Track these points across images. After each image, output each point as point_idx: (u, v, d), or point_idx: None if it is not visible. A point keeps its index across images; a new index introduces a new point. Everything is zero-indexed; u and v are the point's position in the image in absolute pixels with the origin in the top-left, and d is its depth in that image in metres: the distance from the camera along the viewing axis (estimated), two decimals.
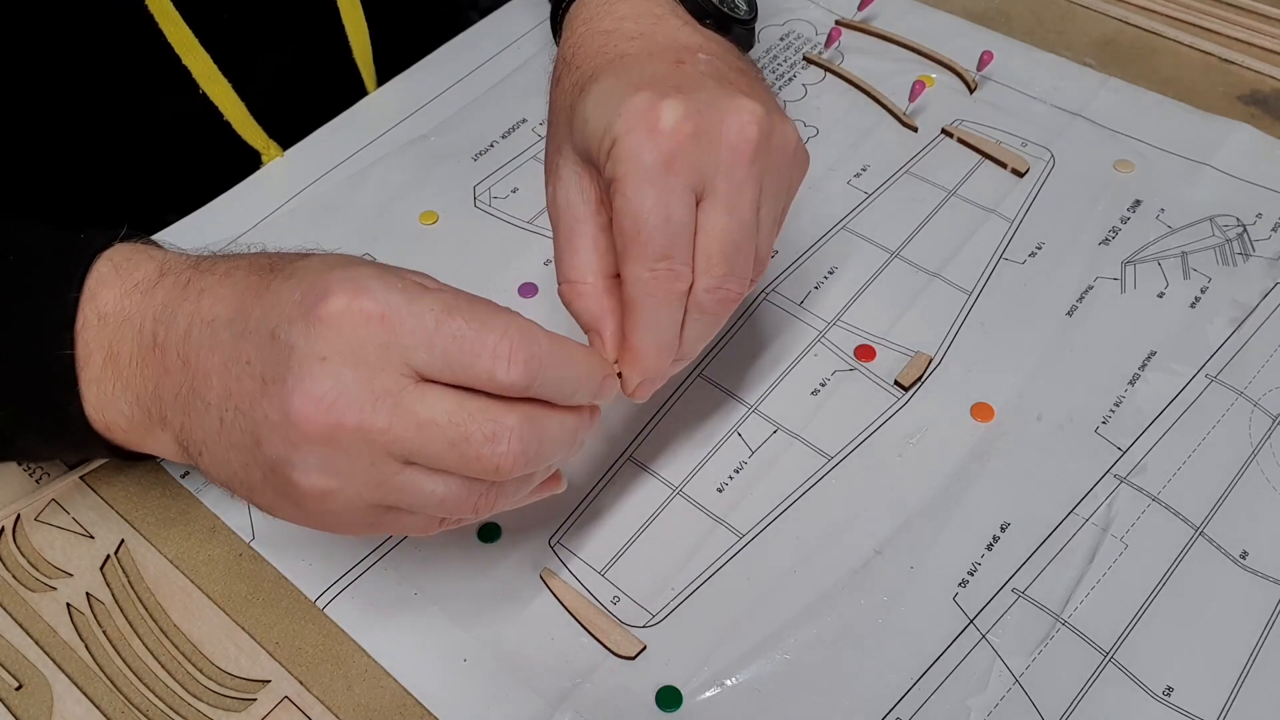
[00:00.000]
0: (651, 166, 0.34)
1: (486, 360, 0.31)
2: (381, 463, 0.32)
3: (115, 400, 0.36)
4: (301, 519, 0.35)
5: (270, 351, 0.32)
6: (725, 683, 0.40)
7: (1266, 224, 0.53)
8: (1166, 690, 0.39)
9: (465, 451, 0.31)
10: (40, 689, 0.40)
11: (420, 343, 0.31)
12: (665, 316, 0.35)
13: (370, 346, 0.31)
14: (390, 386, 0.31)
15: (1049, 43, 0.63)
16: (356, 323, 0.31)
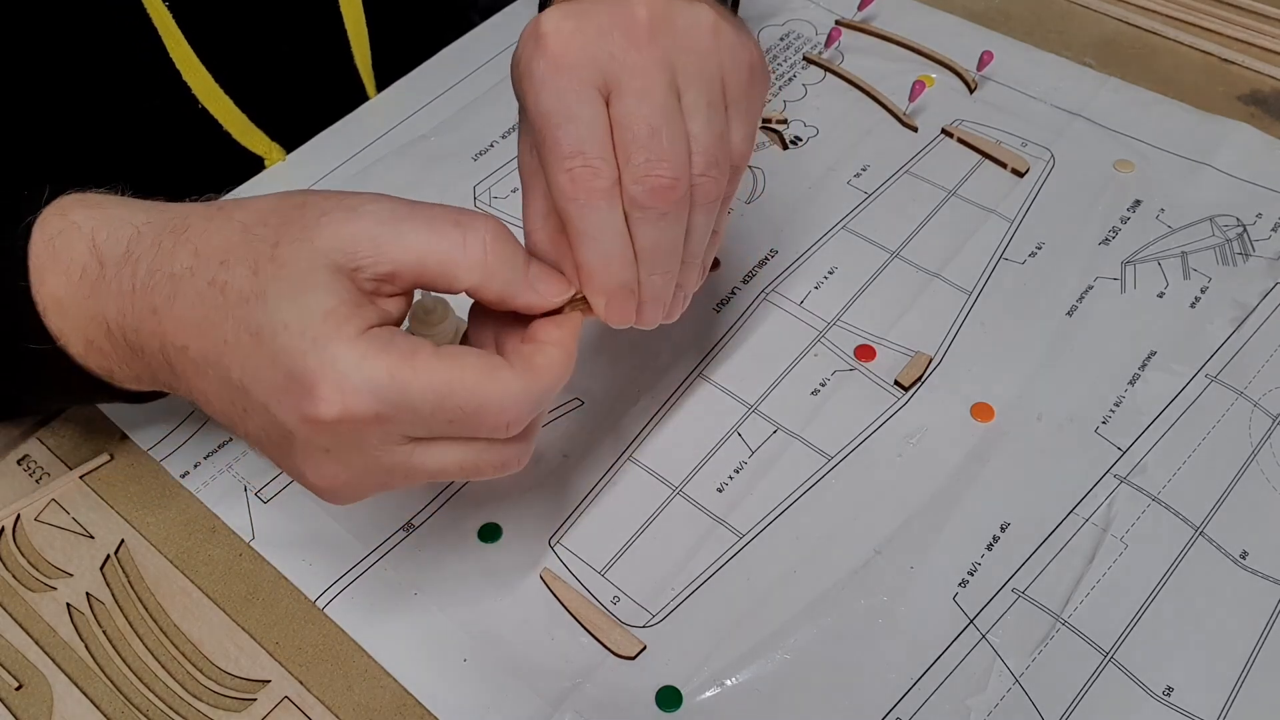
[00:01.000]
0: (541, 73, 0.33)
1: (486, 431, 0.32)
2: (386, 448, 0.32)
3: (117, 371, 0.37)
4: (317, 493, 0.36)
5: (269, 422, 0.32)
6: (725, 683, 0.40)
7: (1266, 224, 0.53)
8: (1166, 690, 0.39)
9: (480, 474, 0.34)
10: (40, 689, 0.40)
11: (417, 428, 0.31)
12: (598, 221, 0.33)
13: (369, 439, 0.31)
14: (398, 457, 0.32)
15: (1049, 43, 0.63)
16: (352, 427, 0.30)
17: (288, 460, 0.33)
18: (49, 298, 0.36)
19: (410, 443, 0.32)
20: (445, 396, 0.31)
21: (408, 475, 0.33)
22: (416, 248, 0.32)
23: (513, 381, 0.32)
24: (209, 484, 0.45)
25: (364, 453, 0.32)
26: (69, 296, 0.35)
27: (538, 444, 0.46)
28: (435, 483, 0.45)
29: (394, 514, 0.44)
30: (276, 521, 0.44)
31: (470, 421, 0.31)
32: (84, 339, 0.36)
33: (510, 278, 0.33)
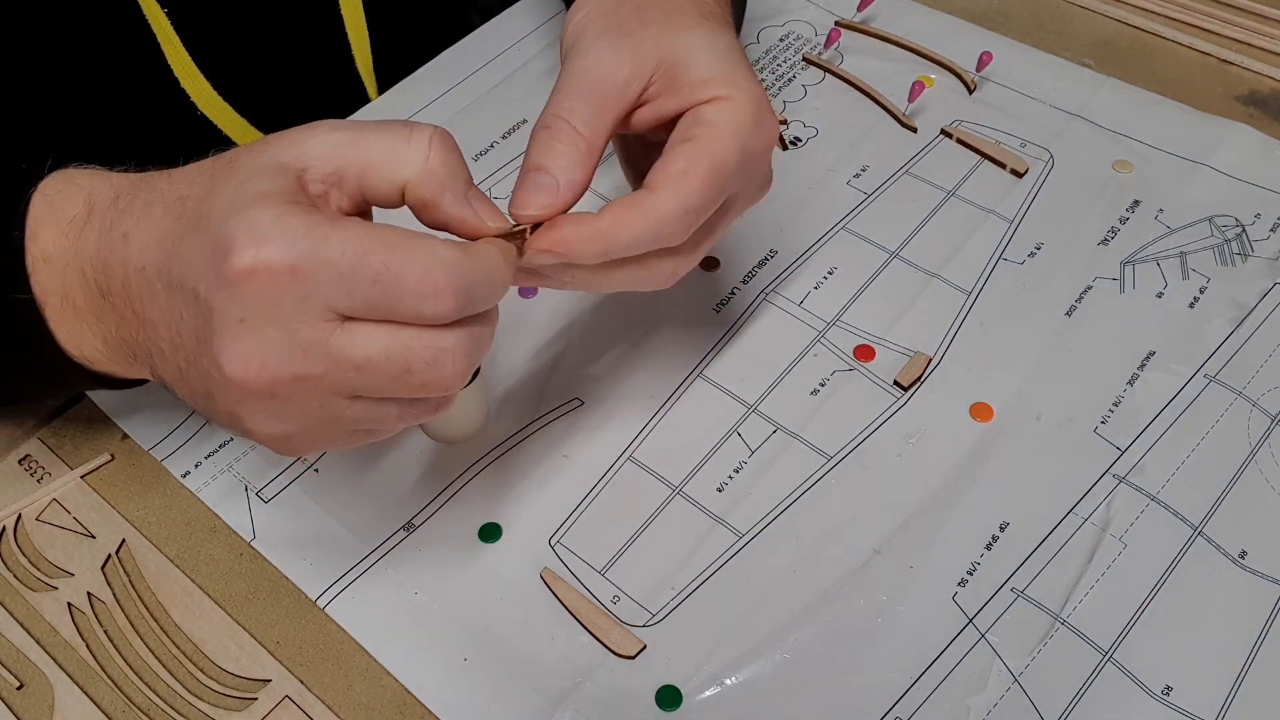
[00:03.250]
0: (731, 163, 0.36)
1: (411, 300, 0.30)
2: (329, 402, 0.32)
3: (86, 338, 0.37)
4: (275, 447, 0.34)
5: (195, 310, 0.31)
6: (725, 682, 0.40)
7: (1265, 224, 0.54)
8: (1165, 689, 0.39)
9: (410, 381, 0.31)
10: (41, 688, 0.40)
11: (337, 290, 0.30)
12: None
13: (285, 300, 0.30)
14: (316, 335, 0.30)
15: (1048, 43, 0.63)
16: (265, 280, 0.29)
17: (210, 353, 0.31)
18: (39, 254, 0.36)
19: (332, 320, 0.30)
20: (365, 250, 0.30)
21: (330, 361, 0.30)
22: (362, 144, 0.32)
23: (439, 249, 0.31)
24: (210, 483, 0.45)
25: (279, 322, 0.30)
26: (56, 249, 0.36)
27: (538, 443, 0.46)
28: (437, 482, 0.45)
29: (394, 514, 0.44)
30: (277, 521, 0.44)
31: (393, 284, 0.30)
32: (61, 293, 0.36)
33: (448, 182, 0.33)
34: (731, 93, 0.37)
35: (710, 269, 0.52)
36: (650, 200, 0.35)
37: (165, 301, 0.33)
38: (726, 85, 0.37)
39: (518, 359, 0.49)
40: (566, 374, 0.48)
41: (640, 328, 0.50)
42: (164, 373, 0.35)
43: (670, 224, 0.35)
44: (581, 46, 0.38)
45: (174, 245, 0.32)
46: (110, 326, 0.36)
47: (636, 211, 0.35)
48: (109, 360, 0.37)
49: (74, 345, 0.37)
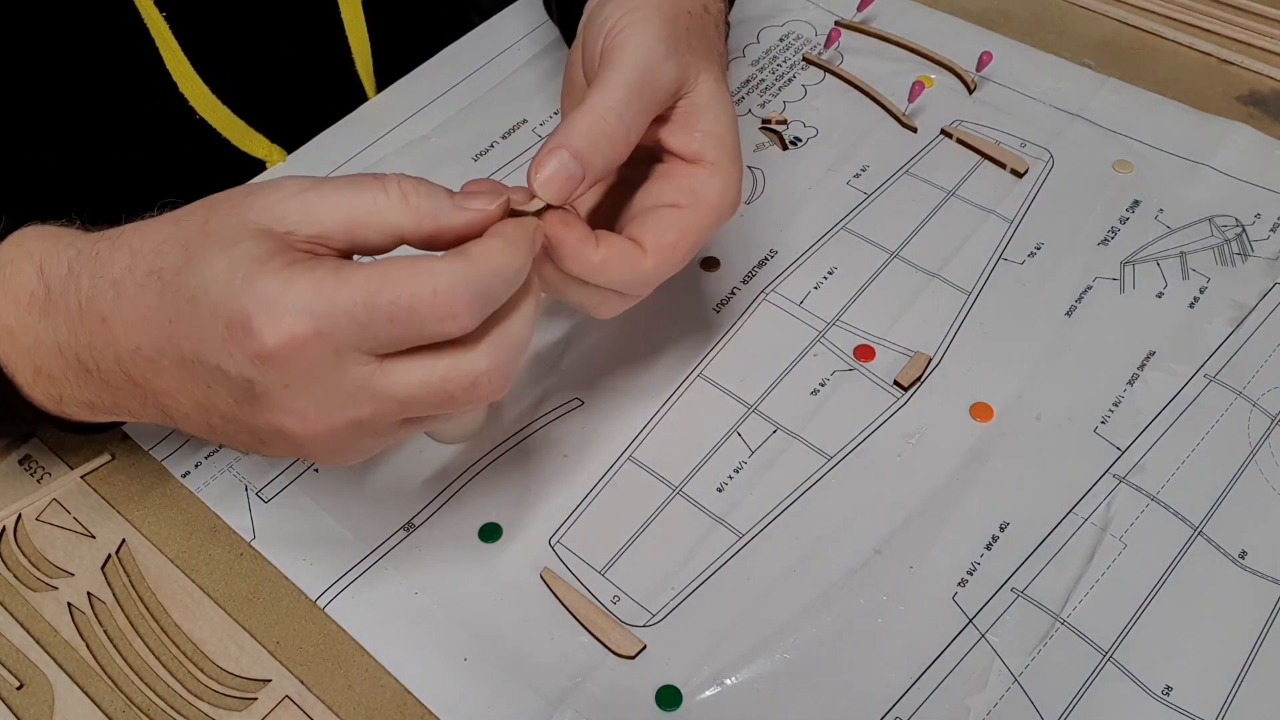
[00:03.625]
0: (706, 237, 0.39)
1: (432, 326, 0.31)
2: (384, 431, 0.34)
3: (67, 402, 0.37)
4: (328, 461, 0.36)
5: (229, 383, 0.32)
6: (725, 682, 0.40)
7: (1265, 224, 0.54)
8: (1165, 689, 0.39)
9: (454, 406, 0.33)
10: (41, 688, 0.40)
11: (363, 337, 0.31)
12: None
13: (321, 361, 0.31)
14: (359, 381, 0.32)
15: (1048, 43, 0.63)
16: (295, 349, 0.30)
17: (262, 415, 0.32)
18: (0, 327, 0.36)
19: (369, 362, 0.31)
20: (374, 295, 0.30)
21: (377, 402, 0.32)
22: (342, 204, 0.32)
23: (442, 266, 0.31)
24: (210, 483, 0.45)
25: (322, 380, 0.31)
26: (18, 324, 0.36)
27: (538, 443, 0.46)
28: (437, 482, 0.45)
29: (394, 514, 0.44)
30: (277, 521, 0.44)
31: (410, 318, 0.31)
32: (32, 366, 0.36)
33: (436, 206, 0.33)
34: (726, 165, 0.39)
35: (710, 269, 0.52)
36: (642, 261, 0.38)
37: (180, 374, 0.33)
38: (725, 154, 0.39)
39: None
40: (566, 374, 0.48)
41: (640, 328, 0.50)
42: (185, 425, 0.36)
43: (648, 286, 0.39)
44: (638, 40, 0.38)
45: (170, 324, 0.32)
46: (101, 396, 0.36)
47: (627, 264, 0.38)
48: (95, 414, 0.38)
49: (54, 406, 0.38)
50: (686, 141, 0.39)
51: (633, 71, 0.37)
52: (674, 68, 0.38)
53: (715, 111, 0.39)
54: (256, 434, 0.34)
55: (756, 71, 0.62)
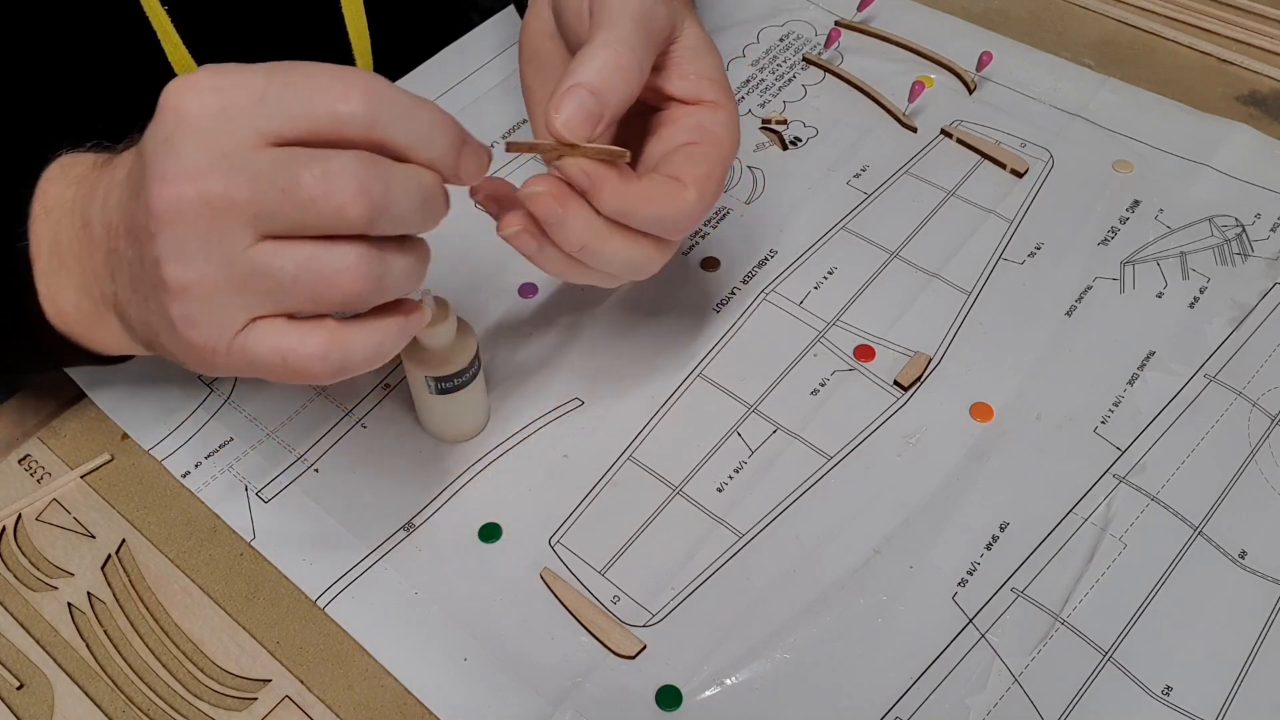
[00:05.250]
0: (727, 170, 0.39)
1: (323, 97, 0.30)
2: (231, 238, 0.31)
3: (63, 290, 0.37)
4: (189, 354, 0.33)
5: (137, 164, 0.32)
6: (725, 682, 0.40)
7: (1265, 224, 0.54)
8: (1165, 689, 0.39)
9: (298, 195, 0.30)
10: (42, 688, 0.40)
11: (254, 98, 0.30)
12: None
13: (206, 118, 0.30)
14: (233, 150, 0.30)
15: (1048, 43, 0.63)
16: (189, 98, 0.31)
17: (141, 197, 0.32)
18: (41, 209, 0.37)
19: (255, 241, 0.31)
20: (279, 68, 0.31)
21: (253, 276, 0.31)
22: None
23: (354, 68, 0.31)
24: (210, 484, 0.45)
25: (203, 142, 0.30)
26: (57, 201, 0.37)
27: (538, 443, 0.46)
28: (437, 482, 0.45)
29: (394, 514, 0.44)
30: (277, 521, 0.44)
31: (305, 89, 0.30)
32: (51, 240, 0.37)
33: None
34: (725, 102, 0.40)
35: (710, 269, 0.52)
36: (684, 192, 0.37)
37: (124, 190, 0.34)
38: (722, 93, 0.40)
39: (518, 359, 0.49)
40: (566, 374, 0.48)
41: (640, 328, 0.50)
42: (123, 292, 0.35)
43: (690, 221, 0.38)
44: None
45: (146, 136, 0.33)
46: (85, 262, 0.36)
47: (671, 195, 0.37)
48: (81, 316, 0.38)
49: (52, 301, 0.38)
50: (684, 85, 0.40)
51: (637, 7, 0.37)
52: (666, 11, 0.38)
53: (705, 55, 0.40)
54: (139, 248, 0.32)
55: (756, 71, 0.62)
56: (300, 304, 0.32)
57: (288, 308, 0.32)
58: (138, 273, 0.33)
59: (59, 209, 0.37)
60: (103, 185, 0.36)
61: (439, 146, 0.33)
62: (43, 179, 0.38)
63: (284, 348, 0.32)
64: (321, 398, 0.47)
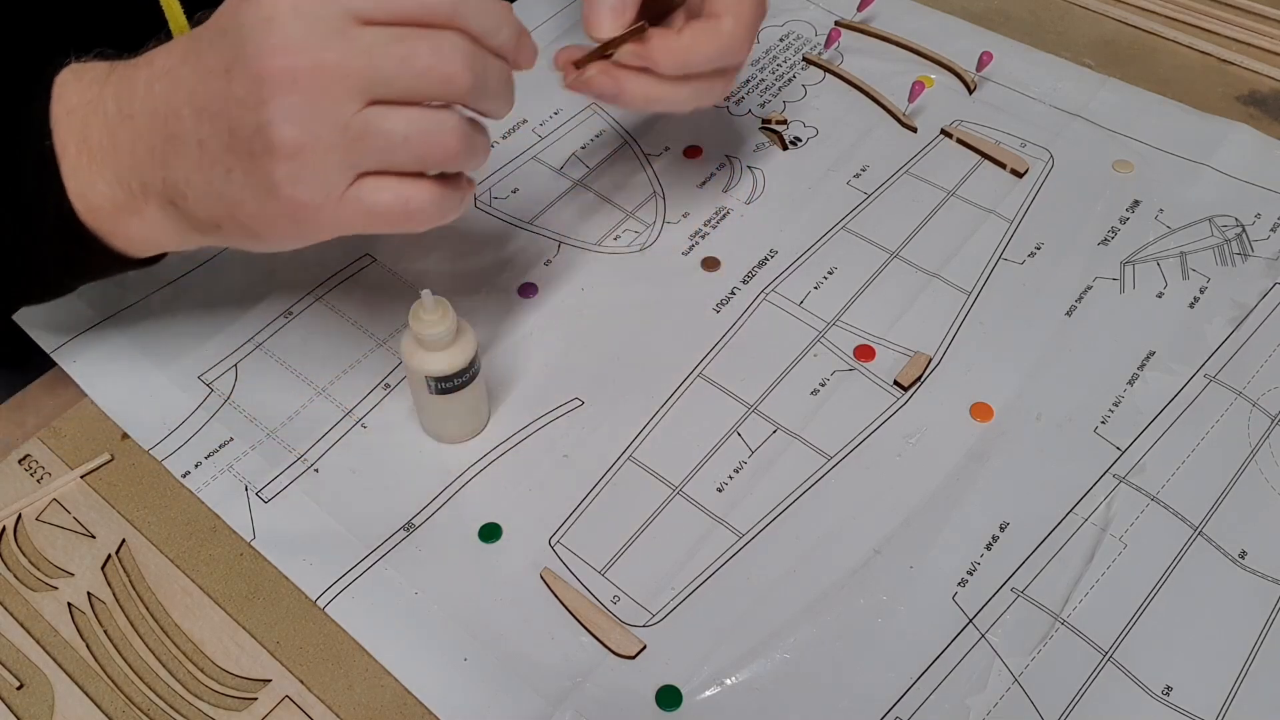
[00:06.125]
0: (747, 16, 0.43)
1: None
2: (343, 103, 0.34)
3: (94, 184, 0.38)
4: (280, 214, 0.36)
5: (225, 45, 0.35)
6: (725, 682, 0.40)
7: (1265, 224, 0.54)
8: (1166, 689, 0.39)
9: (415, 64, 0.34)
10: (42, 688, 0.40)
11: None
12: None
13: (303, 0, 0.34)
14: (335, 27, 0.34)
15: (1048, 43, 0.63)
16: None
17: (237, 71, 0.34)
18: (63, 110, 0.38)
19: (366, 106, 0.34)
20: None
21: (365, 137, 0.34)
22: None
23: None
24: (210, 484, 0.45)
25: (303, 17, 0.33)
26: (79, 100, 0.38)
27: (538, 443, 0.46)
28: (437, 482, 0.45)
29: (394, 514, 0.44)
30: (277, 521, 0.44)
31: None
32: (79, 139, 0.38)
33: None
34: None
35: (710, 269, 0.52)
36: (719, 24, 0.42)
37: (192, 73, 0.36)
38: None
39: (518, 359, 0.49)
40: (566, 374, 0.48)
41: (640, 328, 0.50)
42: (179, 173, 0.37)
43: (739, 43, 0.43)
44: None
45: (199, 31, 0.36)
46: (124, 152, 0.37)
47: (710, 34, 0.43)
48: (115, 208, 0.38)
49: (82, 196, 0.38)
50: None
51: None
52: None
53: None
54: (230, 123, 0.35)
55: (756, 71, 0.62)
56: (405, 161, 0.36)
57: (391, 165, 0.36)
58: (220, 146, 0.35)
59: (83, 108, 0.38)
60: (141, 79, 0.37)
61: (505, 35, 0.37)
62: (57, 84, 0.38)
63: (405, 195, 0.36)
64: (321, 397, 0.48)
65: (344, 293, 0.51)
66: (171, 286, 0.51)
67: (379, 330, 0.50)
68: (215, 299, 0.51)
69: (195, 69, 0.36)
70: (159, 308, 0.50)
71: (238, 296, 0.51)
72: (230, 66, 0.34)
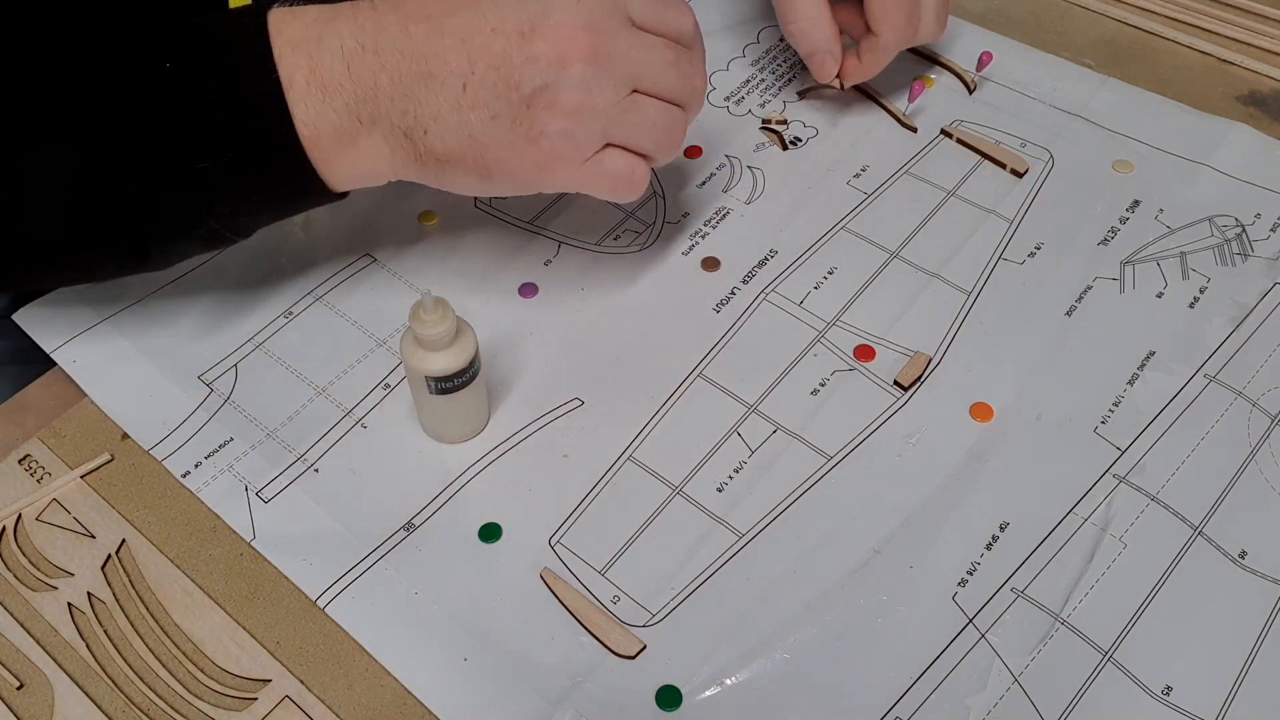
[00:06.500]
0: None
1: (674, 11, 0.43)
2: (621, 84, 0.41)
3: (324, 112, 0.40)
4: (532, 159, 0.42)
5: (522, 11, 0.40)
6: (725, 682, 0.40)
7: (1265, 224, 0.54)
8: (1165, 689, 0.39)
9: (681, 69, 0.43)
10: (41, 688, 0.40)
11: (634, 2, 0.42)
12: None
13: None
14: (623, 22, 0.41)
15: (1048, 43, 0.63)
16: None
17: (539, 33, 0.40)
18: (285, 44, 0.40)
19: (634, 92, 0.42)
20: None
21: (628, 112, 0.42)
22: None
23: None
24: (210, 484, 0.45)
25: (607, 75, 0.41)
26: (304, 36, 0.40)
27: (538, 443, 0.46)
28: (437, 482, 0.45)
29: (394, 514, 0.44)
30: (277, 521, 0.44)
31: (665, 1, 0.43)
32: (308, 70, 0.40)
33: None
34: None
35: (710, 269, 0.52)
36: (879, 41, 0.55)
37: (465, 27, 0.40)
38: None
39: (518, 359, 0.49)
40: (566, 374, 0.48)
41: (640, 328, 0.50)
42: (427, 108, 0.41)
43: (897, 42, 0.55)
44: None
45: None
46: (363, 84, 0.40)
47: (874, 58, 0.56)
48: (338, 134, 0.41)
49: (309, 124, 0.40)
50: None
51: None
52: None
53: None
54: (513, 77, 0.40)
55: (756, 71, 0.62)
56: (644, 142, 0.43)
57: (632, 143, 0.43)
58: (490, 93, 0.40)
59: (309, 43, 0.40)
60: (389, 24, 0.40)
61: (704, 70, 0.46)
62: (271, 22, 0.40)
63: (634, 165, 0.44)
64: (321, 397, 0.48)
65: (344, 293, 0.51)
66: (171, 286, 0.51)
67: (379, 330, 0.50)
68: (215, 299, 0.51)
69: (471, 23, 0.40)
70: (159, 308, 0.50)
71: (238, 296, 0.51)
72: (533, 29, 0.40)
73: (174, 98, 0.40)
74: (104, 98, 0.40)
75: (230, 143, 0.40)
